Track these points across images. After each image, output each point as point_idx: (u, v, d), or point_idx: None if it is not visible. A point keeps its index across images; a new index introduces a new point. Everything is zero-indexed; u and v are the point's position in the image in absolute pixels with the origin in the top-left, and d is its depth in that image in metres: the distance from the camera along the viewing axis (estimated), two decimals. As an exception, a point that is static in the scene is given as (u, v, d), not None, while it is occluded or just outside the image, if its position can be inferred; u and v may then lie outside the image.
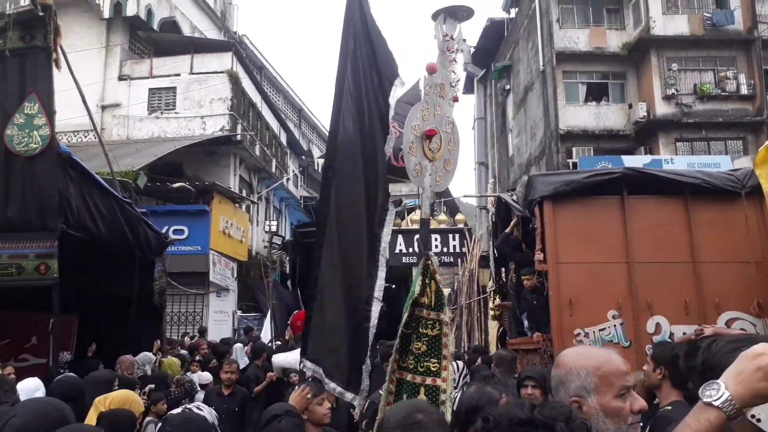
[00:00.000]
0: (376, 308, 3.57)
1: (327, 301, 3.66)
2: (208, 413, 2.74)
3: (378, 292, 3.59)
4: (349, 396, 3.48)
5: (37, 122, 5.98)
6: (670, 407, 3.05)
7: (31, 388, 3.71)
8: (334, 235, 3.72)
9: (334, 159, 3.76)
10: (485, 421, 1.06)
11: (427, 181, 3.47)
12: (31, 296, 6.81)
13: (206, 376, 7.56)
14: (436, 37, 3.64)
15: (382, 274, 3.62)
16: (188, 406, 2.89)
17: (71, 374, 4.61)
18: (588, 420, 1.05)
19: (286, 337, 11.35)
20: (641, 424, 3.18)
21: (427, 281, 3.32)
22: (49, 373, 5.42)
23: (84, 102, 8.56)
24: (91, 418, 3.17)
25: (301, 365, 3.60)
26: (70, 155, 6.36)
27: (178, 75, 19.23)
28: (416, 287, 3.30)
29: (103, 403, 3.37)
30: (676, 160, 15.49)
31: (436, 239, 17.17)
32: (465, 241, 15.55)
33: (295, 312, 12.19)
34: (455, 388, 5.21)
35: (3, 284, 5.92)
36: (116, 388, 4.25)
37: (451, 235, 16.52)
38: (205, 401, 5.17)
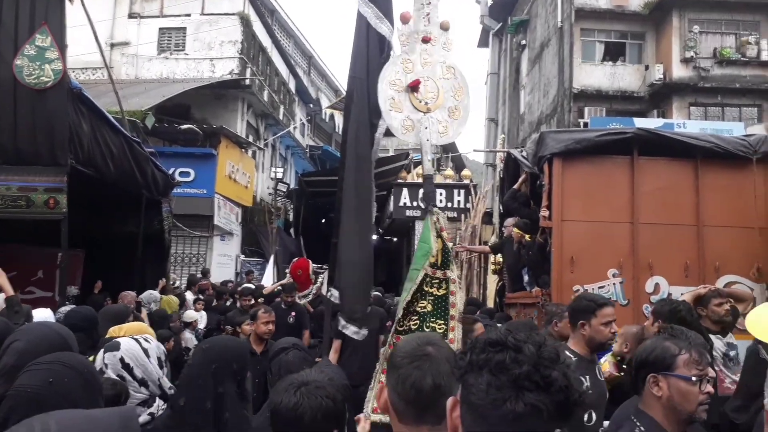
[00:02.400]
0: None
1: (345, 228, 3.60)
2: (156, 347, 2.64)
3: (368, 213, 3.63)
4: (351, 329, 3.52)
5: (50, 55, 5.91)
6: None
7: (41, 318, 3.80)
8: (351, 153, 3.63)
9: (356, 70, 3.67)
10: (465, 344, 1.09)
11: (424, 135, 3.34)
12: (39, 231, 6.90)
13: (191, 314, 7.55)
14: None
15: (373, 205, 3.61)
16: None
17: (85, 305, 4.72)
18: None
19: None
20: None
21: (434, 238, 3.26)
22: (55, 306, 5.54)
23: (96, 38, 8.47)
24: None
25: (329, 293, 3.64)
26: (81, 91, 6.33)
27: (189, 15, 18.88)
28: (432, 244, 3.22)
29: (117, 333, 3.45)
30: (688, 125, 15.25)
31: (441, 194, 17.15)
32: (470, 197, 15.56)
33: (295, 260, 11.91)
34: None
35: (13, 216, 5.99)
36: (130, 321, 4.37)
37: (456, 191, 16.52)
38: None
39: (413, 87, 3.30)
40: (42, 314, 3.89)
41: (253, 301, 7.80)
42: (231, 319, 7.35)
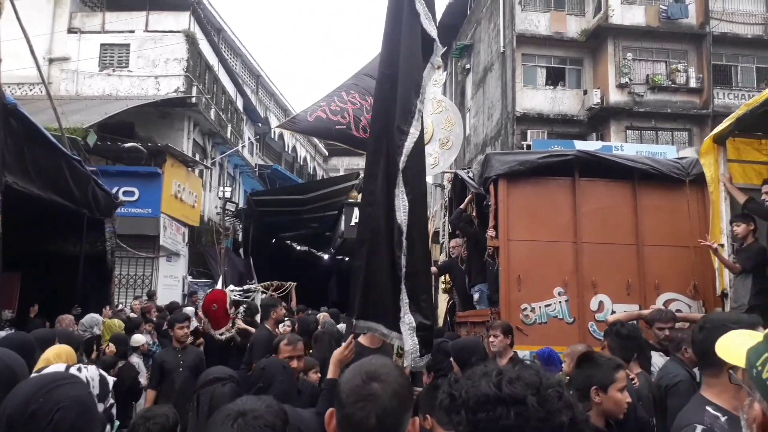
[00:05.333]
0: (402, 250, 2.97)
1: (374, 245, 3.13)
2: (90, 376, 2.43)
3: (398, 234, 2.97)
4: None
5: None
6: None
7: (-24, 344, 3.60)
8: (376, 165, 3.19)
9: (391, 67, 3.23)
10: (452, 398, 1.03)
11: None
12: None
13: (138, 338, 7.14)
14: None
15: (401, 215, 3.00)
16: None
17: (20, 331, 4.50)
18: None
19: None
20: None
21: None
22: (-11, 332, 5.26)
23: (32, 52, 8.22)
24: None
25: (354, 327, 3.17)
26: (15, 107, 6.09)
27: (132, 32, 18.50)
28: None
29: (48, 357, 3.30)
30: (625, 148, 15.97)
31: (390, 213, 17.26)
32: (419, 217, 15.70)
33: (210, 290, 9.95)
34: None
35: (-58, 238, 5.67)
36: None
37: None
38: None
39: None
40: (-23, 341, 3.67)
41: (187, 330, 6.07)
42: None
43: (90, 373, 2.45)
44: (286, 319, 6.99)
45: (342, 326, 8.60)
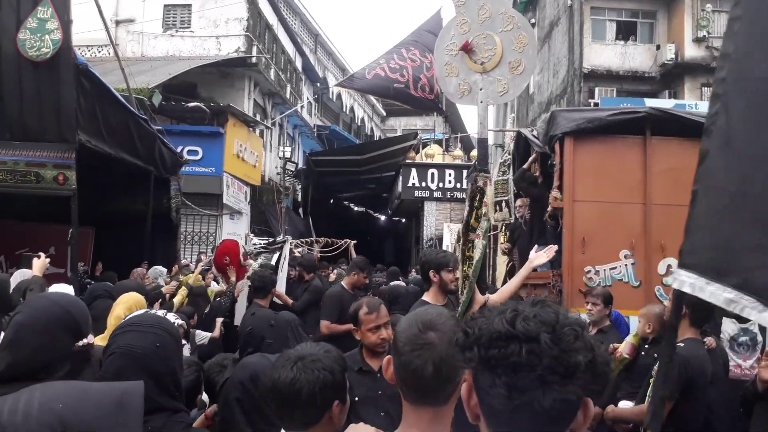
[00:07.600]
0: None
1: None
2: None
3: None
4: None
5: (50, 26, 5.84)
6: (682, 344, 3.11)
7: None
8: None
9: None
10: (465, 335, 1.01)
11: (481, 96, 3.09)
12: (48, 208, 6.91)
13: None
14: None
15: None
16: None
17: (104, 282, 4.74)
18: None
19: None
20: (656, 355, 3.25)
21: (476, 204, 3.14)
22: (68, 282, 5.56)
23: (101, 14, 8.41)
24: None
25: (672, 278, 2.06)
26: (87, 67, 6.28)
27: (194, -8, 18.72)
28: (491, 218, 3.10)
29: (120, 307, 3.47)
30: (700, 106, 15.08)
31: (450, 174, 17.09)
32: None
33: (222, 240, 8.81)
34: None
35: (24, 191, 6.00)
36: None
37: (465, 171, 16.45)
38: None
39: (465, 49, 3.07)
40: (60, 289, 3.91)
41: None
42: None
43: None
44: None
45: (399, 283, 8.69)
